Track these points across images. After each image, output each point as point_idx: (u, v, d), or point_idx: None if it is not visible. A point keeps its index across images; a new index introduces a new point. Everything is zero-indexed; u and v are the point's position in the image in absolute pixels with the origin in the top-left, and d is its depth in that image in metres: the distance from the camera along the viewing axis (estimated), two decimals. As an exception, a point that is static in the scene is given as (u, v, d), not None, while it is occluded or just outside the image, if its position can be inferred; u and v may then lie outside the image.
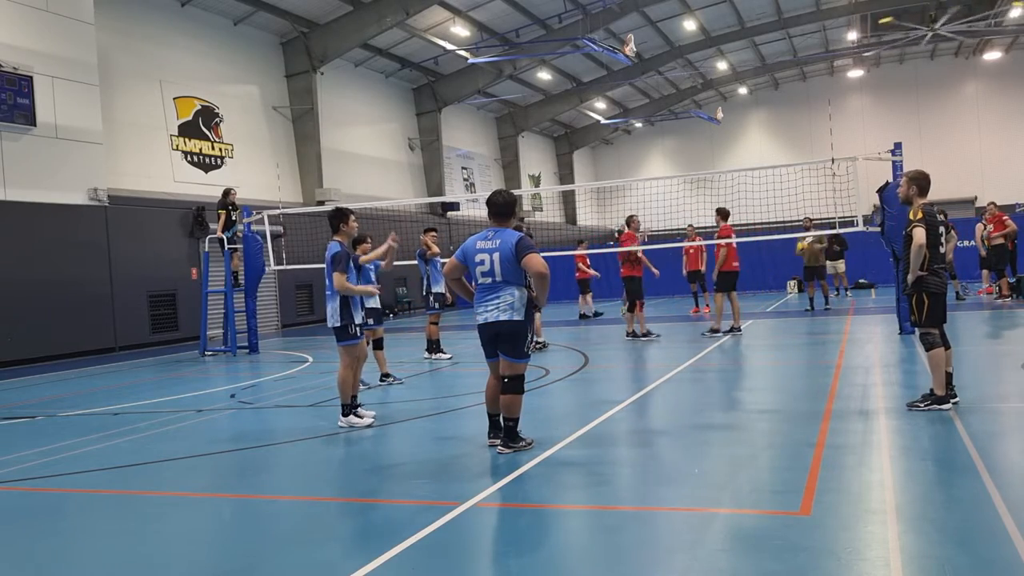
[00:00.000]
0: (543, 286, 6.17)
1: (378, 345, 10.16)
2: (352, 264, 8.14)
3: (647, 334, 13.93)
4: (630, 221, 13.88)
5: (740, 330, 13.95)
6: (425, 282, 12.77)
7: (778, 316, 17.62)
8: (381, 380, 10.12)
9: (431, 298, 12.71)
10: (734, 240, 14.03)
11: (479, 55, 28.01)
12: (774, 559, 3.73)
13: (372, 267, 9.43)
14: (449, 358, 12.58)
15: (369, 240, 9.63)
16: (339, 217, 7.67)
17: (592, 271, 19.67)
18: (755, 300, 22.39)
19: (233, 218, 16.07)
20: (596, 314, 20.03)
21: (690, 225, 19.36)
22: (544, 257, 6.31)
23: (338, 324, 7.56)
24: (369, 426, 7.46)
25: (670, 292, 25.14)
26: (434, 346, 12.76)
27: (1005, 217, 17.86)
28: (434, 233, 13.12)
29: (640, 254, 13.87)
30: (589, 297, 20.20)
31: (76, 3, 17.16)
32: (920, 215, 6.71)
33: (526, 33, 28.48)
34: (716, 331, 13.90)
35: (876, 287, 24.67)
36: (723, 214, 14.04)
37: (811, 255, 17.93)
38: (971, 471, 4.93)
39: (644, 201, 19.09)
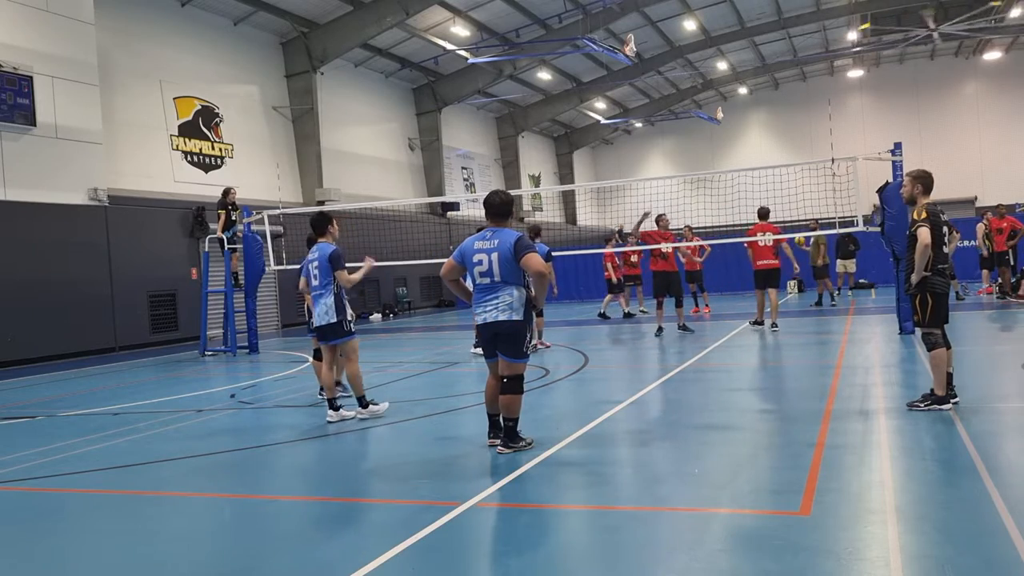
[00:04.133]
0: (542, 286, 6.17)
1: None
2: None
3: (662, 327, 14.34)
4: (659, 219, 14.65)
5: (762, 324, 14.49)
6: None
7: (778, 316, 17.58)
8: (321, 393, 8.90)
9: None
10: (759, 239, 14.33)
11: (479, 55, 28.00)
12: (774, 559, 3.73)
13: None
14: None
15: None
16: (327, 220, 7.94)
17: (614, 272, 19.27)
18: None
19: (233, 218, 16.03)
20: (628, 315, 19.39)
21: (687, 226, 19.37)
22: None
23: (334, 320, 7.67)
24: (383, 413, 7.86)
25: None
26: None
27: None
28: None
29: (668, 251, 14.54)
30: (621, 297, 19.67)
31: (76, 3, 17.16)
32: (924, 215, 6.69)
33: (526, 33, 28.47)
34: (775, 325, 14.26)
35: (876, 287, 24.67)
36: (761, 214, 14.49)
37: (813, 255, 18.46)
38: (971, 471, 4.93)
39: (644, 201, 19.06)
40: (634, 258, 19.68)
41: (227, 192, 16.09)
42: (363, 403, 7.83)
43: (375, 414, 7.83)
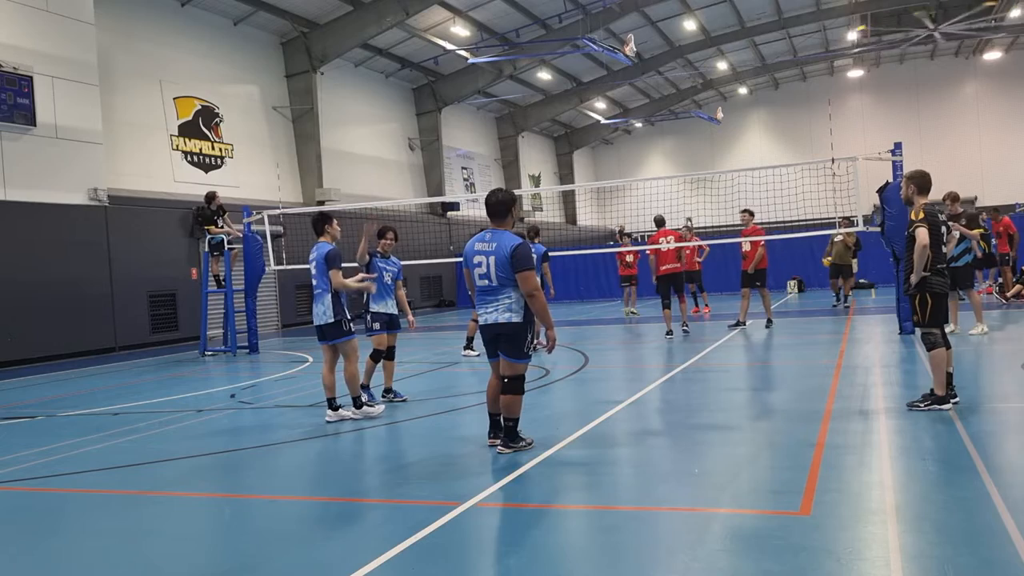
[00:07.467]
0: (536, 308, 5.97)
1: (389, 355, 8.86)
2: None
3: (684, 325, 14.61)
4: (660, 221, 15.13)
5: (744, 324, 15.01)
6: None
7: (778, 316, 17.59)
8: (384, 394, 8.88)
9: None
10: (760, 238, 14.66)
11: (479, 55, 28.00)
12: (774, 559, 3.73)
13: (387, 269, 8.83)
14: (477, 355, 12.51)
15: (390, 235, 8.92)
16: (325, 220, 8.02)
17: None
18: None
19: (220, 223, 15.82)
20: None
21: (686, 226, 19.37)
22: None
23: (332, 320, 7.71)
24: (378, 415, 7.94)
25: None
26: (468, 343, 12.94)
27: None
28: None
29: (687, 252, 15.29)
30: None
31: (76, 3, 17.15)
32: (922, 215, 6.70)
33: (526, 33, 28.46)
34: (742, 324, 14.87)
35: (876, 287, 24.66)
36: (751, 213, 14.74)
37: (839, 253, 18.40)
38: (971, 471, 4.93)
39: (644, 201, 19.08)
40: (629, 258, 19.69)
41: (211, 197, 15.88)
42: (357, 403, 7.96)
43: (368, 415, 7.92)
